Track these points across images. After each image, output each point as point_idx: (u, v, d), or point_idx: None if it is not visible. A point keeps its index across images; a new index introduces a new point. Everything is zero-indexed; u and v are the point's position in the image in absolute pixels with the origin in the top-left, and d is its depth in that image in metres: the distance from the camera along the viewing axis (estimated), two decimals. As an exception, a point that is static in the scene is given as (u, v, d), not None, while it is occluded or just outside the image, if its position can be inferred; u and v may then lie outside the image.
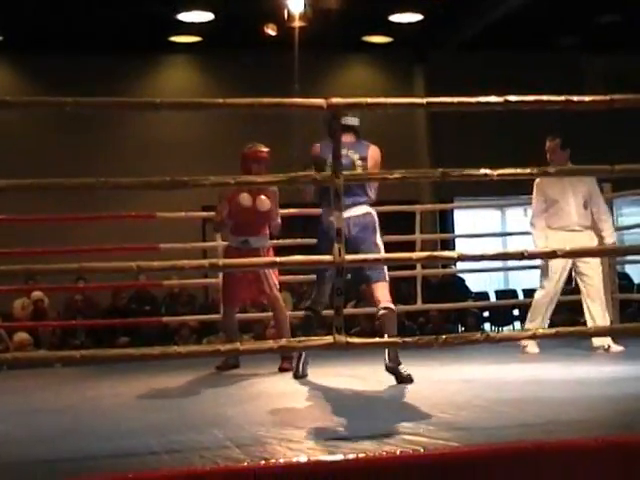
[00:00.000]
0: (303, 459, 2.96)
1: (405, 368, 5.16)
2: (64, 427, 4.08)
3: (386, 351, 5.18)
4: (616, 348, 6.42)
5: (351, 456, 2.97)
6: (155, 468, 2.96)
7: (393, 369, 5.15)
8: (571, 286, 6.98)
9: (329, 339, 3.77)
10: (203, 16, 12.78)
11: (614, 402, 4.05)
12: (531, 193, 6.71)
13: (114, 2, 11.79)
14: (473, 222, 14.82)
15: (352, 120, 5.40)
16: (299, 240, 7.43)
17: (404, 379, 5.10)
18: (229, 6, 12.16)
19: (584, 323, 7.05)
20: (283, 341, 4.03)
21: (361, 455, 2.98)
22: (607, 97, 4.06)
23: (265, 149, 6.31)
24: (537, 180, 6.61)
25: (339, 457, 2.97)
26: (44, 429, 4.06)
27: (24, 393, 5.72)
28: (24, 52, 13.25)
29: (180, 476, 2.87)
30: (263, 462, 2.92)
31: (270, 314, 6.84)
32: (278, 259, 4.13)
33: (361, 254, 4.91)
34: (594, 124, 11.89)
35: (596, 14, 13.00)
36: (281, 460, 2.96)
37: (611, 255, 7.41)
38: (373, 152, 5.46)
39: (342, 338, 3.75)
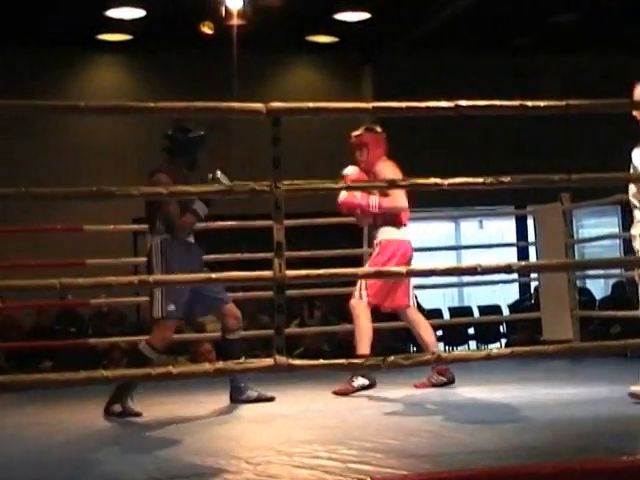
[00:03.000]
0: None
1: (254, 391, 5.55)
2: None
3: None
4: None
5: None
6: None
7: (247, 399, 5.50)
8: (530, 302, 6.99)
9: (269, 361, 3.76)
10: (134, 13, 12.67)
11: (568, 426, 4.11)
12: (486, 204, 6.67)
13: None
14: (425, 234, 14.87)
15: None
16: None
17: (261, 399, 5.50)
18: (162, 2, 12.11)
19: (543, 342, 7.11)
20: (220, 364, 4.00)
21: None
22: (562, 102, 4.11)
23: (355, 133, 6.36)
24: None
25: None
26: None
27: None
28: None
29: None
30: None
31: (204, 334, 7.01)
32: (214, 275, 4.11)
33: None
34: (550, 129, 12.08)
35: (551, 13, 13.16)
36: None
37: (572, 270, 7.48)
38: None
39: (283, 360, 3.73)
